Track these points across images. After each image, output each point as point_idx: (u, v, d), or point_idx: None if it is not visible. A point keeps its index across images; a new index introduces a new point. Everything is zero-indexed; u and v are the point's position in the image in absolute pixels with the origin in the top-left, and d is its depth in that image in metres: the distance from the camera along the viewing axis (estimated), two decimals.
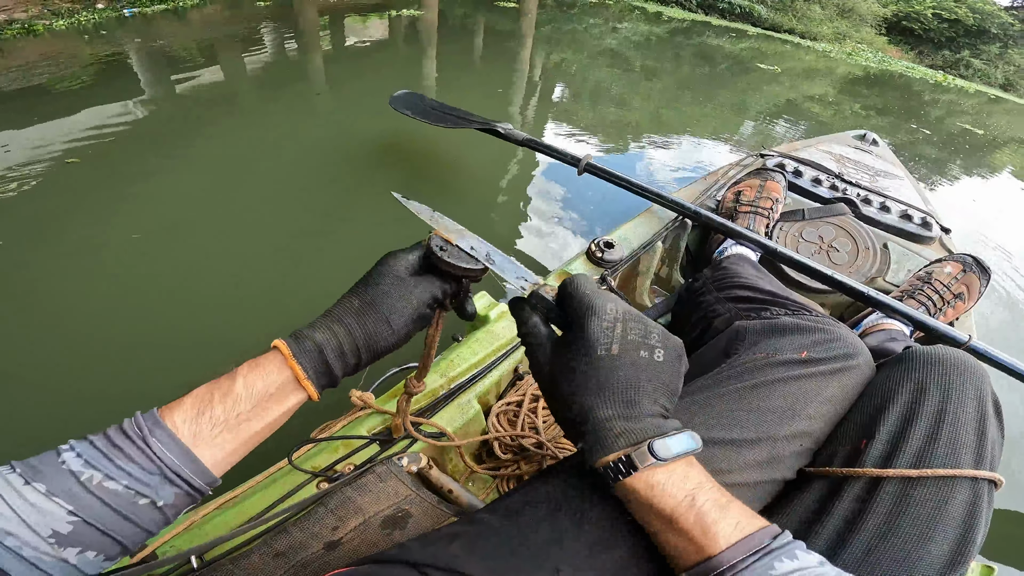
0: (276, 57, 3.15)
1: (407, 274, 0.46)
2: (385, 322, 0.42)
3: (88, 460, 0.33)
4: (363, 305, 0.43)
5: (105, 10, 3.48)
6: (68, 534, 0.31)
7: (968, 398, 0.52)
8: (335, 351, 0.41)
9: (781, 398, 0.55)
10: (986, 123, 6.14)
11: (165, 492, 0.35)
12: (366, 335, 0.42)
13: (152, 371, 1.12)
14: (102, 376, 1.11)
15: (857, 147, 1.76)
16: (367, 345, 0.42)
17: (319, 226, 1.62)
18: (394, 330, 0.43)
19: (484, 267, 0.47)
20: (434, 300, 0.46)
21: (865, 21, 10.93)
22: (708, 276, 0.99)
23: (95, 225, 1.50)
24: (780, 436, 0.53)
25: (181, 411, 0.37)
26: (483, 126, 1.49)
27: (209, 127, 2.15)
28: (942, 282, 1.10)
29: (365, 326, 0.42)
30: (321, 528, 0.52)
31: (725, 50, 6.30)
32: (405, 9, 4.65)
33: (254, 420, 0.38)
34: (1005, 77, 11.02)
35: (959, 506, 0.47)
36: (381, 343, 0.43)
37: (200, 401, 0.37)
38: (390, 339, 0.43)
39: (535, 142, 1.39)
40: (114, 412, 0.39)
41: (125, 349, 1.16)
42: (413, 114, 1.63)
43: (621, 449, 0.39)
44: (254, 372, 0.39)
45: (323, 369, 0.41)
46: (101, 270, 1.35)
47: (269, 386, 0.39)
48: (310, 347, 0.41)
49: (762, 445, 0.51)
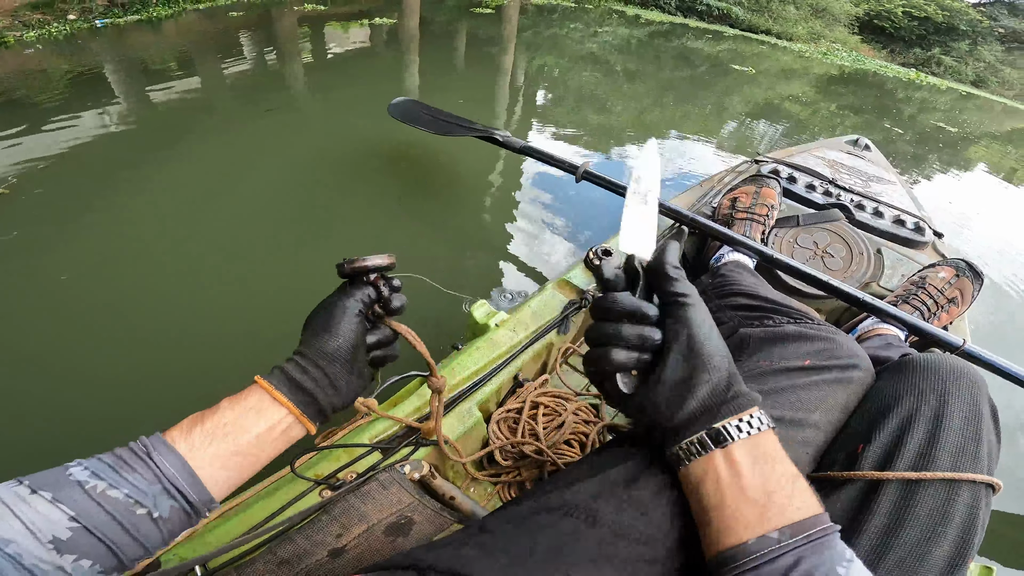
0: (255, 67, 3.09)
1: (331, 299, 0.51)
2: (325, 330, 0.47)
3: (94, 472, 0.36)
4: (306, 329, 0.50)
5: (77, 21, 3.39)
6: (67, 540, 0.33)
7: (965, 404, 0.53)
8: (294, 366, 0.47)
9: (788, 407, 0.55)
10: (959, 119, 6.30)
11: (162, 504, 0.37)
12: (314, 348, 0.47)
13: (108, 401, 1.08)
14: (58, 402, 1.08)
15: (850, 152, 1.78)
16: (317, 353, 0.47)
17: (297, 241, 1.59)
18: (332, 333, 0.47)
19: (388, 261, 0.50)
20: (360, 304, 0.50)
21: (838, 20, 11.17)
22: (708, 284, 1.00)
23: (52, 252, 1.45)
24: (788, 445, 0.52)
25: (177, 428, 0.41)
26: (482, 134, 1.49)
27: (183, 142, 2.10)
28: (936, 287, 1.11)
29: (308, 342, 0.48)
30: (325, 536, 0.53)
31: (704, 52, 6.38)
32: (385, 18, 4.61)
33: (240, 433, 0.42)
34: (975, 73, 11.36)
35: (959, 510, 0.47)
36: (327, 347, 0.47)
37: (191, 421, 0.42)
38: (332, 342, 0.47)
39: (533, 149, 1.40)
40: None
41: (78, 377, 1.12)
42: (412, 123, 1.63)
43: (732, 415, 0.41)
44: (235, 397, 0.45)
45: (287, 380, 0.46)
46: (63, 295, 1.31)
47: (249, 403, 0.44)
48: (275, 371, 0.47)
49: None
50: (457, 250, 1.70)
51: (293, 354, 0.48)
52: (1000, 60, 11.87)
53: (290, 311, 1.34)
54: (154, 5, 3.86)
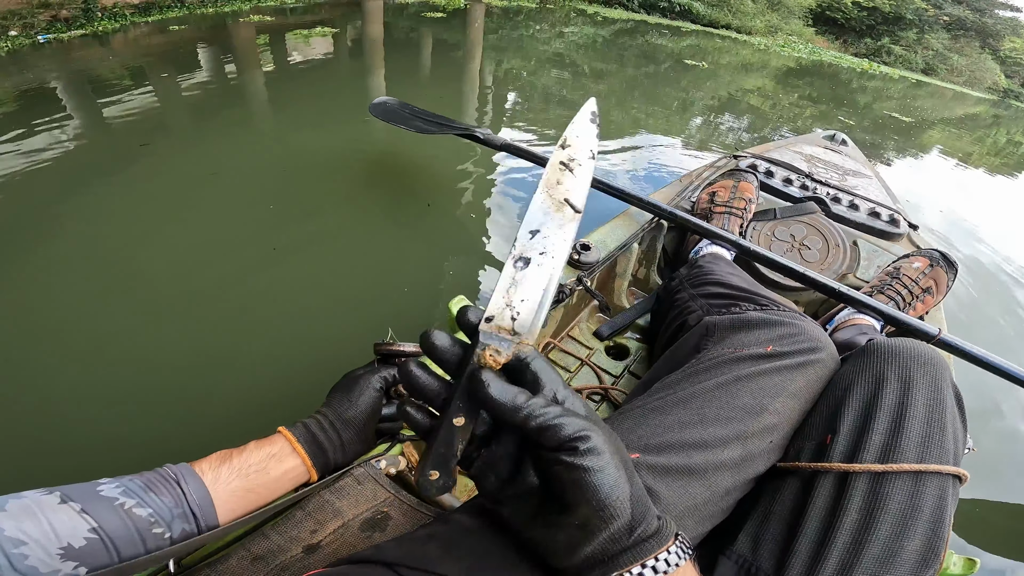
0: (214, 79, 2.98)
1: (360, 371, 0.58)
2: (347, 398, 0.55)
3: (126, 489, 0.39)
4: (332, 393, 0.57)
5: (18, 37, 3.22)
6: (79, 548, 0.35)
7: (929, 390, 0.52)
8: (315, 424, 0.54)
9: (749, 394, 0.56)
10: (911, 107, 6.54)
11: (176, 527, 0.40)
12: (335, 411, 0.55)
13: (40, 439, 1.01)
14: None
15: (827, 147, 1.82)
16: (337, 416, 0.54)
17: (264, 261, 1.53)
18: (353, 403, 0.54)
19: (416, 349, 0.56)
20: (382, 381, 0.57)
21: (793, 13, 11.50)
22: (683, 275, 1.02)
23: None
24: (751, 433, 0.54)
25: (206, 461, 0.46)
26: (462, 132, 1.48)
27: (137, 160, 2.00)
28: (910, 277, 1.13)
29: (332, 405, 0.55)
30: (300, 532, 0.53)
31: (668, 49, 6.47)
32: (327, 27, 4.52)
33: (261, 474, 0.47)
34: (925, 62, 11.84)
35: (928, 502, 0.47)
36: (346, 414, 0.54)
37: (220, 457, 0.47)
38: (351, 410, 0.54)
39: (512, 146, 1.40)
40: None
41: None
42: (393, 122, 1.60)
43: (634, 562, 0.32)
44: (261, 441, 0.50)
45: (308, 436, 0.52)
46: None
47: (273, 449, 0.50)
48: (299, 425, 0.53)
49: (735, 444, 0.53)
50: (438, 252, 1.67)
51: (316, 412, 0.54)
52: (947, 48, 12.40)
53: (258, 322, 1.29)
54: (99, 19, 3.70)
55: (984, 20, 13.22)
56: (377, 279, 1.51)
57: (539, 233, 0.36)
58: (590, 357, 1.09)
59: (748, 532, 0.53)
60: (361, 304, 1.41)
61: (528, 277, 0.35)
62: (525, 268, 0.35)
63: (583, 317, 1.18)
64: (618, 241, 1.22)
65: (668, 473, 0.50)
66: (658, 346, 0.99)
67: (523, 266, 0.35)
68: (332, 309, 1.38)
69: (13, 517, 0.34)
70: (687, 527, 0.50)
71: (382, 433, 0.60)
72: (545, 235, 0.36)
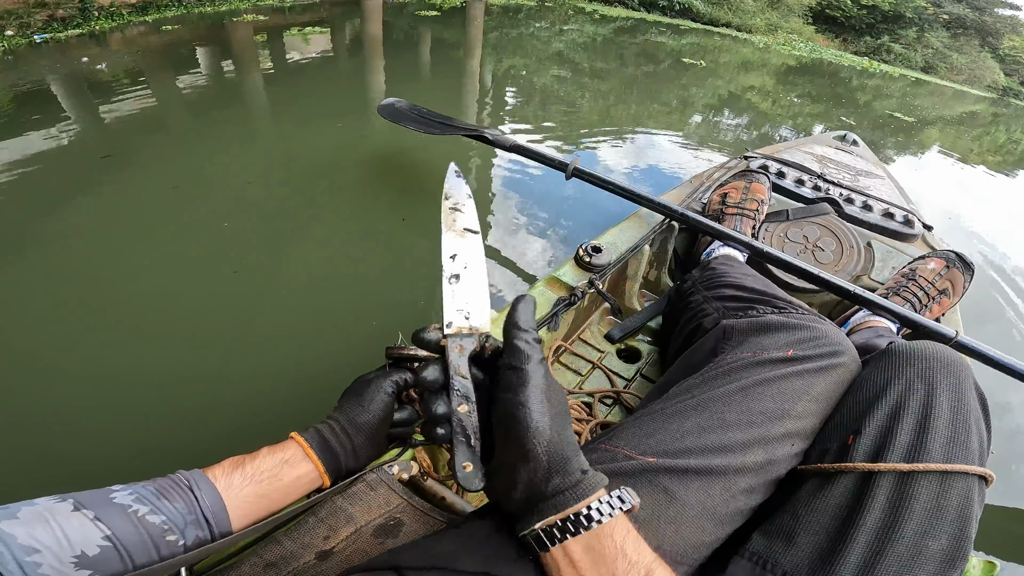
0: (211, 79, 2.96)
1: (371, 375, 0.57)
2: (359, 403, 0.52)
3: (139, 496, 0.38)
4: (344, 398, 0.55)
5: (14, 37, 3.18)
6: (93, 556, 0.34)
7: (953, 392, 0.52)
8: (328, 429, 0.52)
9: (770, 399, 0.55)
10: (911, 105, 6.53)
11: (190, 534, 0.40)
12: (347, 416, 0.52)
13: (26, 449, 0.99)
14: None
15: (838, 148, 1.80)
16: (349, 421, 0.52)
17: (263, 265, 1.50)
18: (365, 408, 0.52)
19: (428, 354, 0.55)
20: (394, 385, 0.54)
21: (793, 11, 11.48)
22: (696, 277, 1.00)
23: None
24: (773, 437, 0.53)
25: (219, 467, 0.44)
26: (471, 133, 1.46)
27: (134, 161, 1.97)
28: (926, 278, 1.11)
29: (343, 409, 0.53)
30: (312, 538, 0.53)
31: (668, 47, 6.44)
32: (317, 27, 4.48)
33: (273, 480, 0.45)
34: (925, 60, 11.82)
35: (953, 502, 0.47)
36: (358, 419, 0.51)
37: (233, 463, 0.45)
38: (363, 415, 0.52)
39: (522, 147, 1.38)
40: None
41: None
42: (401, 123, 1.59)
43: (553, 513, 0.38)
44: (274, 447, 0.49)
45: (320, 441, 0.50)
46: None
47: (285, 455, 0.48)
48: (311, 430, 0.52)
49: (757, 449, 0.52)
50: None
51: (327, 418, 0.52)
52: (947, 46, 12.38)
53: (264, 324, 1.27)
54: (96, 19, 3.67)
55: (984, 18, 13.21)
56: (388, 284, 1.49)
57: (457, 255, 0.52)
58: (601, 360, 1.07)
59: (763, 531, 0.52)
60: (372, 309, 1.39)
61: (463, 287, 0.49)
62: (458, 282, 0.50)
63: (594, 320, 1.16)
64: (629, 243, 1.20)
65: (686, 474, 0.50)
66: (671, 349, 0.98)
67: (456, 280, 0.50)
68: (343, 314, 1.36)
69: (26, 524, 0.33)
70: (705, 530, 0.49)
71: (394, 438, 0.58)
72: (461, 255, 0.52)
